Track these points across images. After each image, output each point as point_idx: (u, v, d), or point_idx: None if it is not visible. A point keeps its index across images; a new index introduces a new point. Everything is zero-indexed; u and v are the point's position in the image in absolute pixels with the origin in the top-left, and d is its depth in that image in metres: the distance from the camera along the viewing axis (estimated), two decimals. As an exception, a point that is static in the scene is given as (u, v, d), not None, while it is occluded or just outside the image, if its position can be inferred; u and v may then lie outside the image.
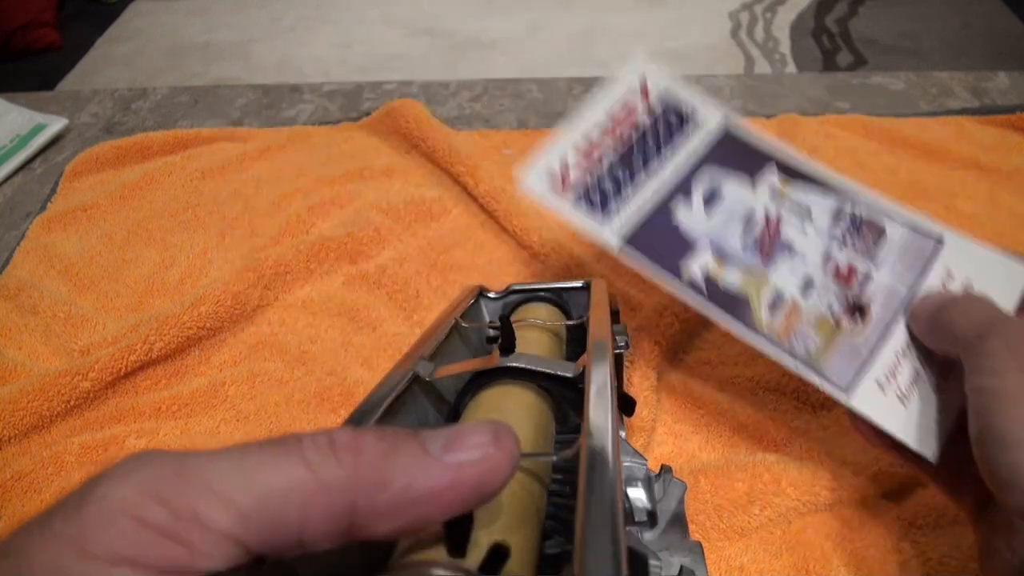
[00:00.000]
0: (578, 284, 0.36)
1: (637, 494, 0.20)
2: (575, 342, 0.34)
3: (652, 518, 0.18)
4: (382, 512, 0.14)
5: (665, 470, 0.27)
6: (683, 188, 0.34)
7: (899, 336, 0.30)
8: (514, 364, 0.26)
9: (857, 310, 0.31)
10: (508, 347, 0.27)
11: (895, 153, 0.58)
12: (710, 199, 0.34)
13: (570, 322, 0.34)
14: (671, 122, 0.36)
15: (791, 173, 0.34)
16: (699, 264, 0.32)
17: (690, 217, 0.33)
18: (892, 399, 0.29)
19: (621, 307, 0.46)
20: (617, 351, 0.31)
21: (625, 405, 0.32)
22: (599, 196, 0.34)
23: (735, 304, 0.31)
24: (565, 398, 0.27)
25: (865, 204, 0.33)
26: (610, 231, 0.33)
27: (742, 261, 0.32)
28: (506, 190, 0.52)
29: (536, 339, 0.32)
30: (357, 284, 0.48)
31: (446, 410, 0.27)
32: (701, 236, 0.33)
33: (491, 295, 0.36)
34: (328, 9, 2.03)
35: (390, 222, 0.52)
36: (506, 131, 0.60)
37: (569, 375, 0.25)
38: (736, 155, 0.35)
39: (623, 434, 0.36)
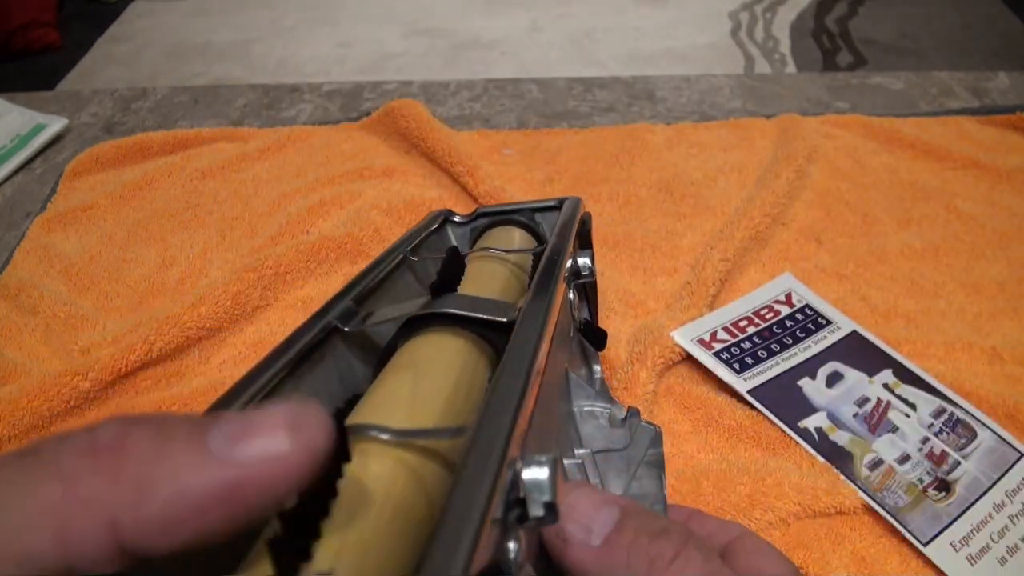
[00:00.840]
0: (551, 203, 0.34)
1: (535, 477, 0.14)
2: None
3: (552, 512, 0.14)
4: (152, 526, 0.11)
5: (632, 414, 0.24)
6: (810, 367, 0.42)
7: (976, 514, 0.35)
8: (443, 310, 0.22)
9: (944, 486, 0.36)
10: (443, 286, 0.24)
11: (895, 153, 0.58)
12: (832, 379, 0.41)
13: (531, 249, 0.31)
14: (808, 324, 0.44)
15: (904, 376, 0.41)
16: (814, 423, 0.39)
17: (813, 389, 0.41)
18: (962, 559, 0.33)
19: (621, 305, 0.46)
20: (581, 280, 0.29)
21: (595, 338, 0.30)
22: (737, 356, 0.42)
23: (840, 455, 0.37)
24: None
25: (964, 409, 0.39)
26: (740, 382, 0.40)
27: (851, 428, 0.39)
28: (506, 190, 0.52)
29: (492, 273, 0.28)
30: (357, 284, 0.48)
31: (375, 361, 0.24)
32: (820, 404, 0.40)
33: (457, 219, 0.33)
34: (328, 9, 2.03)
35: (390, 222, 0.52)
36: (506, 131, 0.60)
37: (503, 320, 0.22)
38: (859, 352, 0.42)
39: (597, 370, 0.34)
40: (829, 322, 0.44)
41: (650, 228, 0.52)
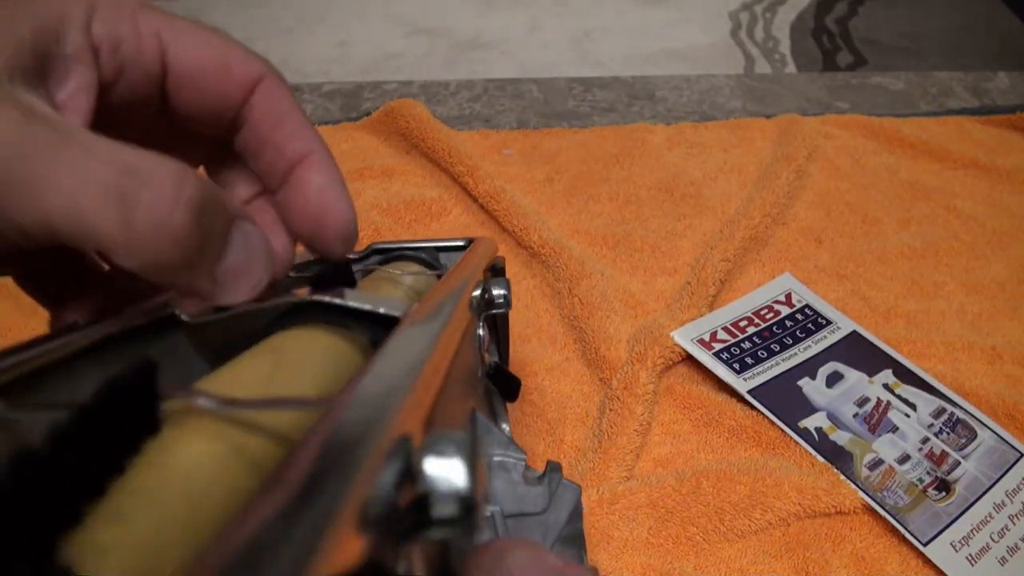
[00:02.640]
0: (459, 242, 0.30)
1: (444, 460, 0.10)
2: None
3: (469, 515, 0.10)
4: None
5: (552, 468, 0.21)
6: (810, 367, 0.42)
7: (977, 514, 0.35)
8: (321, 298, 0.18)
9: (944, 486, 0.36)
10: (324, 281, 0.20)
11: (895, 153, 0.58)
12: (832, 379, 0.41)
13: (434, 272, 0.27)
14: (808, 324, 0.44)
15: (904, 376, 0.41)
16: (814, 423, 0.39)
17: (813, 389, 0.40)
18: (962, 559, 0.33)
19: (621, 305, 0.46)
20: (493, 311, 0.25)
21: (506, 387, 0.26)
22: (737, 356, 0.42)
23: (840, 455, 0.37)
24: None
25: (964, 409, 0.39)
26: (740, 382, 0.40)
27: (851, 428, 0.39)
28: (506, 190, 0.52)
29: (386, 293, 0.24)
30: (357, 284, 0.48)
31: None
32: (820, 404, 0.40)
33: (349, 256, 0.28)
34: (328, 9, 2.03)
35: (390, 222, 0.52)
36: (506, 131, 0.60)
37: (397, 314, 0.18)
38: (859, 352, 0.42)
39: (506, 428, 0.29)
40: (829, 322, 0.44)
41: (650, 228, 0.52)
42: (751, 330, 0.44)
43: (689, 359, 0.43)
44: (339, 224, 0.20)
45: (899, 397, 0.40)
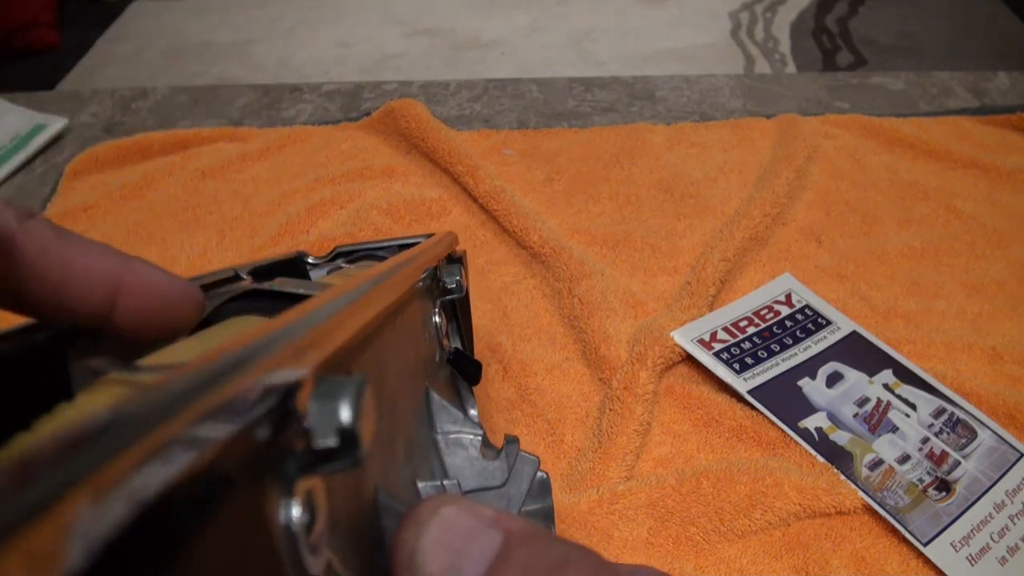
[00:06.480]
0: (420, 239, 0.30)
1: (327, 392, 0.11)
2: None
3: (351, 445, 0.10)
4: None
5: (509, 441, 0.21)
6: (811, 367, 0.42)
7: (977, 514, 0.35)
8: (257, 287, 0.19)
9: (944, 486, 0.36)
10: (272, 276, 0.20)
11: (895, 153, 0.58)
12: (832, 379, 0.41)
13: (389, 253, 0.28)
14: (808, 324, 0.44)
15: (904, 376, 0.41)
16: (814, 423, 0.39)
17: (813, 389, 0.40)
18: (962, 559, 0.33)
19: (621, 305, 0.46)
20: (449, 297, 0.25)
21: (469, 370, 0.26)
22: (737, 356, 0.42)
23: (840, 455, 0.37)
24: None
25: (964, 409, 0.39)
26: (740, 382, 0.40)
27: (851, 428, 0.39)
28: (506, 190, 0.52)
29: None
30: (357, 284, 0.48)
31: None
32: (820, 404, 0.40)
33: (311, 260, 0.29)
34: (328, 9, 2.03)
35: (390, 222, 0.52)
36: (506, 131, 0.60)
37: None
38: (859, 352, 0.42)
39: (474, 414, 0.29)
40: (829, 322, 0.44)
41: (650, 228, 0.52)
42: (751, 330, 0.44)
43: (689, 359, 0.43)
44: (188, 300, 0.17)
45: (899, 397, 0.40)
